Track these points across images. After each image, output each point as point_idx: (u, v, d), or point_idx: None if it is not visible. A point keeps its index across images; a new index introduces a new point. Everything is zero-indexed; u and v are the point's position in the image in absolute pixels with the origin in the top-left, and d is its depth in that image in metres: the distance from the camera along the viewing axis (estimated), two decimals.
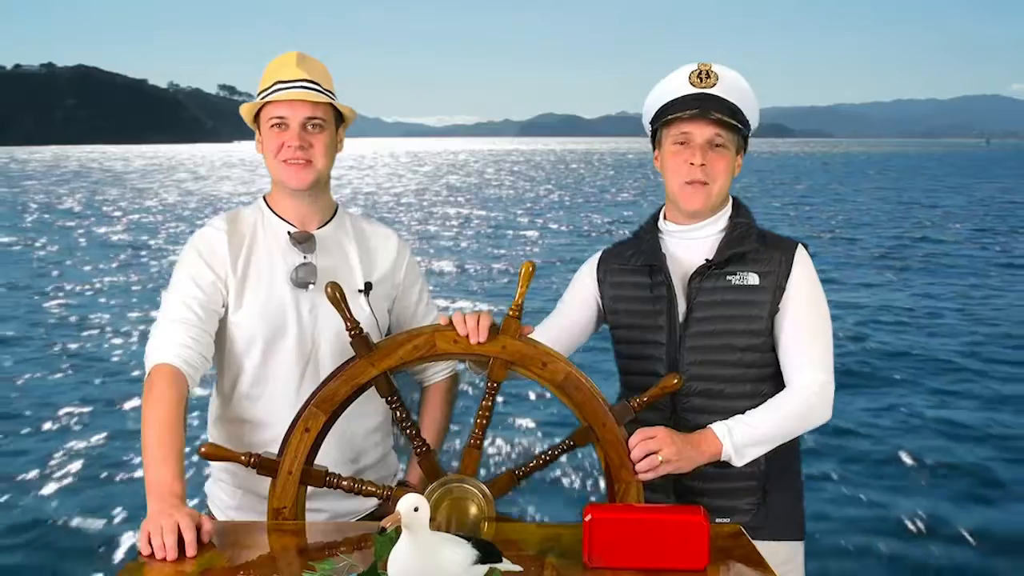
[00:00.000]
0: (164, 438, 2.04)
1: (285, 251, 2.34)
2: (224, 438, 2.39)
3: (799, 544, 2.39)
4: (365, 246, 2.44)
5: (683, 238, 2.38)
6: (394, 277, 2.46)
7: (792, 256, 2.31)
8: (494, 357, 2.09)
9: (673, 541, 1.81)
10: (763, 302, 2.28)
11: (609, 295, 2.45)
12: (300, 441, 2.06)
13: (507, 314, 2.10)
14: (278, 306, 2.31)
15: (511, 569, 1.68)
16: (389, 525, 1.50)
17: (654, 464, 2.07)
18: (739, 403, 2.25)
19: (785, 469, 2.35)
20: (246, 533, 2.06)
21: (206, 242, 2.32)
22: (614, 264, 2.46)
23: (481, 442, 2.11)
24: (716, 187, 2.32)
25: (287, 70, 2.29)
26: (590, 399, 2.08)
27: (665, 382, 2.09)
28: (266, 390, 2.34)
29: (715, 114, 2.28)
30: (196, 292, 2.25)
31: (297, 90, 2.27)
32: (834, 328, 2.35)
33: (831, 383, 2.27)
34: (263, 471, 2.05)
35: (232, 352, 2.34)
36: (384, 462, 2.50)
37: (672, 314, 2.32)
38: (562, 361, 2.10)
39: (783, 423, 2.23)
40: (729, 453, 2.18)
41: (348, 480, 2.09)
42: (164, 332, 2.20)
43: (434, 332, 2.11)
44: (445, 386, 2.55)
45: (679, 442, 2.11)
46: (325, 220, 2.41)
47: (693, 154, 2.30)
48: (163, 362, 2.14)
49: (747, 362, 2.29)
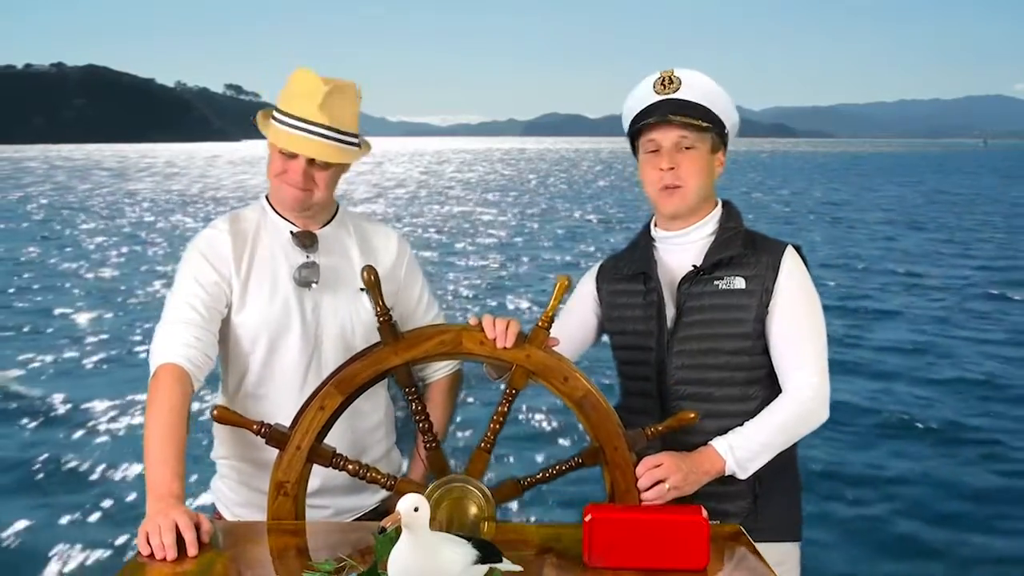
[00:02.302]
0: (165, 438, 2.05)
1: (288, 250, 2.36)
2: (229, 438, 2.41)
3: (795, 545, 2.39)
4: (367, 245, 2.45)
5: (672, 244, 2.40)
6: (395, 275, 2.47)
7: (779, 258, 2.31)
8: (517, 364, 2.10)
9: (673, 541, 1.81)
10: (749, 305, 2.29)
11: (606, 304, 2.48)
12: (314, 418, 2.06)
13: (537, 324, 2.10)
14: (282, 305, 2.32)
15: (511, 569, 1.68)
16: (389, 525, 1.50)
17: (661, 493, 2.09)
18: (728, 406, 2.26)
19: (781, 470, 2.34)
20: (246, 533, 2.06)
21: (209, 243, 2.34)
22: (611, 274, 2.49)
23: (492, 446, 2.11)
24: (689, 189, 2.32)
25: (310, 106, 2.24)
26: (605, 420, 2.08)
27: (682, 416, 2.09)
28: (270, 389, 2.36)
29: (676, 117, 2.29)
30: (200, 292, 2.26)
31: (316, 139, 2.25)
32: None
33: (826, 383, 2.27)
34: (272, 442, 2.04)
35: (237, 351, 2.36)
36: (387, 458, 2.51)
37: (661, 320, 2.33)
38: (583, 379, 2.10)
39: (781, 431, 2.23)
40: (732, 469, 2.20)
41: (354, 464, 2.09)
42: (168, 332, 2.22)
43: (462, 331, 2.12)
44: (448, 384, 2.56)
45: (684, 468, 2.13)
46: (327, 219, 2.43)
47: (662, 159, 2.32)
48: (168, 362, 2.16)
49: (735, 365, 2.30)
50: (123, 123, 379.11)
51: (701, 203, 2.37)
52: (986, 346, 10.82)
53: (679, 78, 2.32)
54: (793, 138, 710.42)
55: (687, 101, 2.31)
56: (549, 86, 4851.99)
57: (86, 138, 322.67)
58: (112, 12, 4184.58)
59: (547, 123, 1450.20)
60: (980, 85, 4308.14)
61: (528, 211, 30.19)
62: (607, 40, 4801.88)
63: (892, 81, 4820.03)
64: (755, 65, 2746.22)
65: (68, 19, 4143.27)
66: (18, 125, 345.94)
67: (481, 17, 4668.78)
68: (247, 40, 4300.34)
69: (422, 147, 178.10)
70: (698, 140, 2.32)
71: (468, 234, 22.96)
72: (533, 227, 24.75)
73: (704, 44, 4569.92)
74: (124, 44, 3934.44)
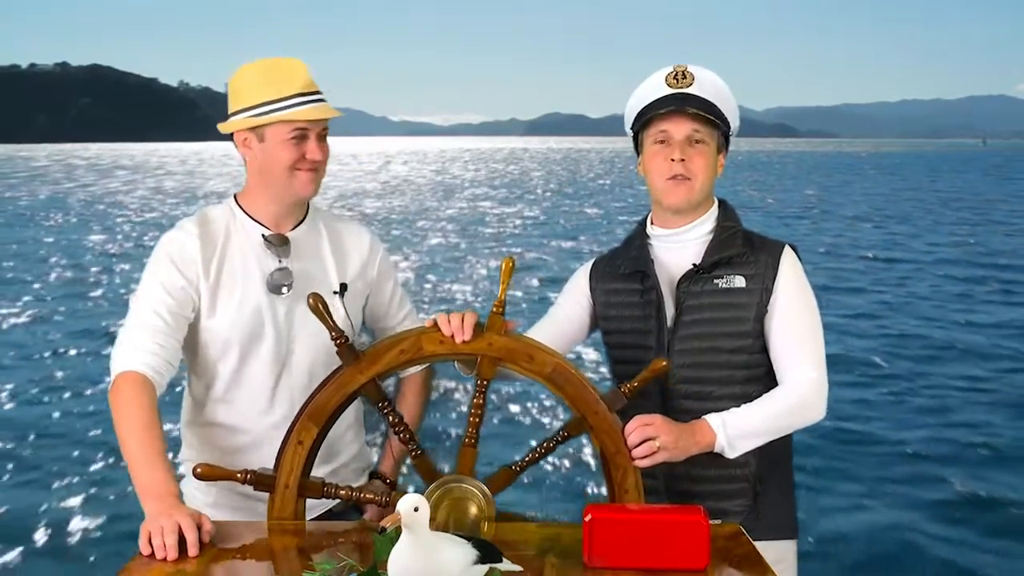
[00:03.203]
0: (145, 440, 2.03)
1: (259, 254, 2.32)
2: (197, 442, 2.38)
3: (791, 543, 2.40)
4: (338, 246, 2.43)
5: (670, 243, 2.39)
6: (367, 274, 2.45)
7: (778, 258, 2.32)
8: (481, 355, 2.10)
9: (673, 541, 1.81)
10: (749, 304, 2.29)
11: (601, 302, 2.47)
12: (294, 454, 2.06)
13: (491, 311, 2.10)
14: (254, 311, 2.29)
15: (511, 569, 1.68)
16: (389, 525, 1.50)
17: (652, 450, 2.08)
18: (729, 405, 2.26)
19: (777, 468, 2.35)
20: (246, 533, 2.06)
21: (177, 246, 2.29)
22: (605, 271, 2.49)
23: (476, 440, 2.11)
24: (698, 182, 2.33)
25: (300, 81, 2.27)
26: (580, 389, 2.08)
27: (654, 366, 2.09)
28: (239, 395, 2.33)
29: (692, 109, 2.30)
30: (165, 298, 2.22)
31: (324, 104, 2.29)
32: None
33: (824, 381, 2.27)
34: (260, 487, 2.05)
35: (206, 357, 2.32)
36: (359, 455, 2.51)
37: (660, 319, 2.33)
38: (548, 353, 2.11)
39: (776, 418, 2.24)
40: (722, 444, 2.19)
41: (345, 489, 2.10)
42: (130, 338, 2.18)
43: (420, 335, 2.12)
44: (420, 378, 2.54)
45: (675, 430, 2.13)
46: (299, 220, 2.39)
47: (673, 151, 2.32)
48: (128, 369, 2.13)
49: (735, 364, 2.30)
50: (127, 122, 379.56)
51: (704, 200, 2.37)
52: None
53: (692, 74, 2.34)
54: (795, 138, 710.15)
55: (699, 97, 2.32)
56: (550, 86, 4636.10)
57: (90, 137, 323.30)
58: (114, 11, 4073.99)
59: (549, 123, 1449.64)
60: (983, 85, 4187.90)
61: (550, 205, 31.08)
62: (608, 40, 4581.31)
63: (894, 81, 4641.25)
64: (757, 65, 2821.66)
65: (71, 18, 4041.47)
66: (22, 124, 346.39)
67: (483, 17, 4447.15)
68: (248, 40, 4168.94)
69: (426, 146, 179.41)
70: (708, 136, 2.33)
71: (488, 225, 23.67)
72: (549, 219, 25.34)
73: (706, 44, 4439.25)
74: (126, 43, 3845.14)
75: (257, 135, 2.29)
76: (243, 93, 2.29)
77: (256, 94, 2.26)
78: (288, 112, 2.25)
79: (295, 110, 2.25)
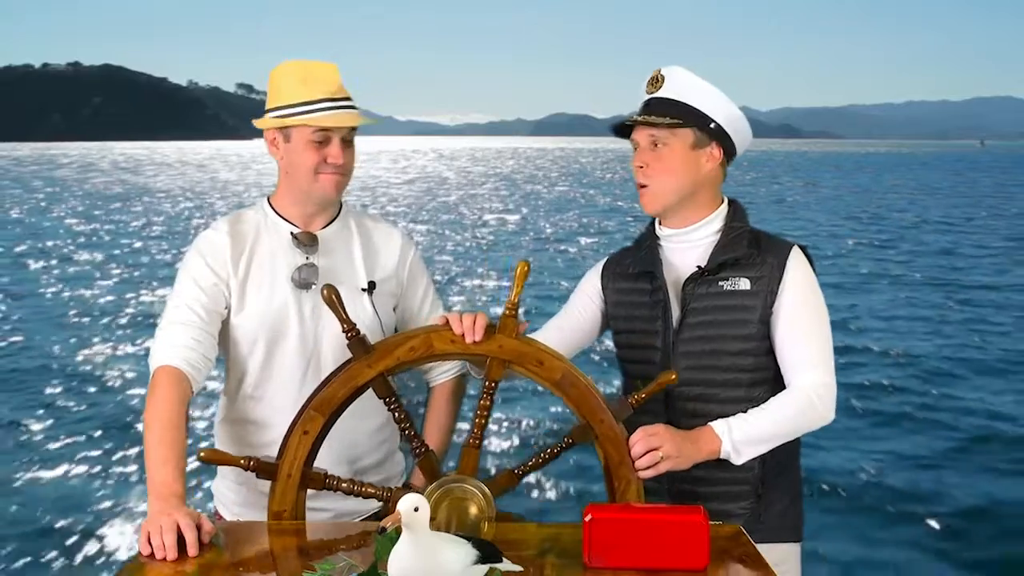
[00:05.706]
0: (165, 438, 2.06)
1: (288, 252, 2.36)
2: (229, 438, 2.42)
3: (795, 546, 2.39)
4: (369, 245, 2.45)
5: (677, 243, 2.39)
6: (398, 275, 2.47)
7: (785, 259, 2.30)
8: (491, 356, 2.10)
9: (673, 541, 1.80)
10: (754, 307, 2.28)
11: (611, 301, 2.47)
12: (299, 444, 2.06)
13: (503, 313, 2.10)
14: (280, 307, 2.33)
15: (511, 569, 1.68)
16: (389, 525, 1.50)
17: (655, 460, 2.07)
18: (733, 407, 2.24)
19: (782, 471, 2.34)
20: (246, 533, 2.07)
21: (209, 244, 2.35)
22: (616, 271, 2.48)
23: (480, 441, 2.11)
24: (654, 187, 2.32)
25: (328, 85, 2.29)
26: (587, 396, 2.08)
27: (662, 378, 2.09)
28: (268, 391, 2.36)
29: (642, 116, 2.31)
30: (198, 294, 2.28)
31: (350, 112, 2.31)
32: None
33: (832, 384, 2.25)
34: (262, 475, 2.05)
35: (236, 353, 2.37)
36: (388, 462, 2.50)
37: (666, 320, 2.33)
38: (558, 359, 2.11)
39: (783, 423, 2.22)
40: (728, 451, 2.17)
41: (347, 482, 2.10)
42: (167, 334, 2.23)
43: (430, 332, 2.12)
44: (450, 387, 2.54)
45: (679, 439, 2.12)
46: (331, 218, 2.43)
47: (636, 158, 2.34)
48: (166, 364, 2.17)
49: (740, 367, 2.29)
50: (140, 121, 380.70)
51: (683, 201, 2.34)
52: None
53: (663, 76, 2.33)
54: (800, 139, 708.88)
55: (664, 99, 2.31)
56: (556, 86, 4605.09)
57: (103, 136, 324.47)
58: (125, 12, 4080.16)
59: (555, 123, 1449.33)
60: (989, 86, 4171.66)
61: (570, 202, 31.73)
62: (612, 40, 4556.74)
63: (900, 82, 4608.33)
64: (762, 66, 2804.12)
65: (83, 19, 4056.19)
66: (38, 123, 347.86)
67: (489, 16, 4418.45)
68: (252, 39, 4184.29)
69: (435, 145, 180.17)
70: (671, 138, 2.30)
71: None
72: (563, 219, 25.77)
73: (709, 45, 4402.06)
74: (137, 43, 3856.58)
75: (284, 135, 2.33)
76: (276, 92, 2.33)
77: (287, 95, 2.30)
78: (312, 116, 2.28)
79: (319, 115, 2.28)
